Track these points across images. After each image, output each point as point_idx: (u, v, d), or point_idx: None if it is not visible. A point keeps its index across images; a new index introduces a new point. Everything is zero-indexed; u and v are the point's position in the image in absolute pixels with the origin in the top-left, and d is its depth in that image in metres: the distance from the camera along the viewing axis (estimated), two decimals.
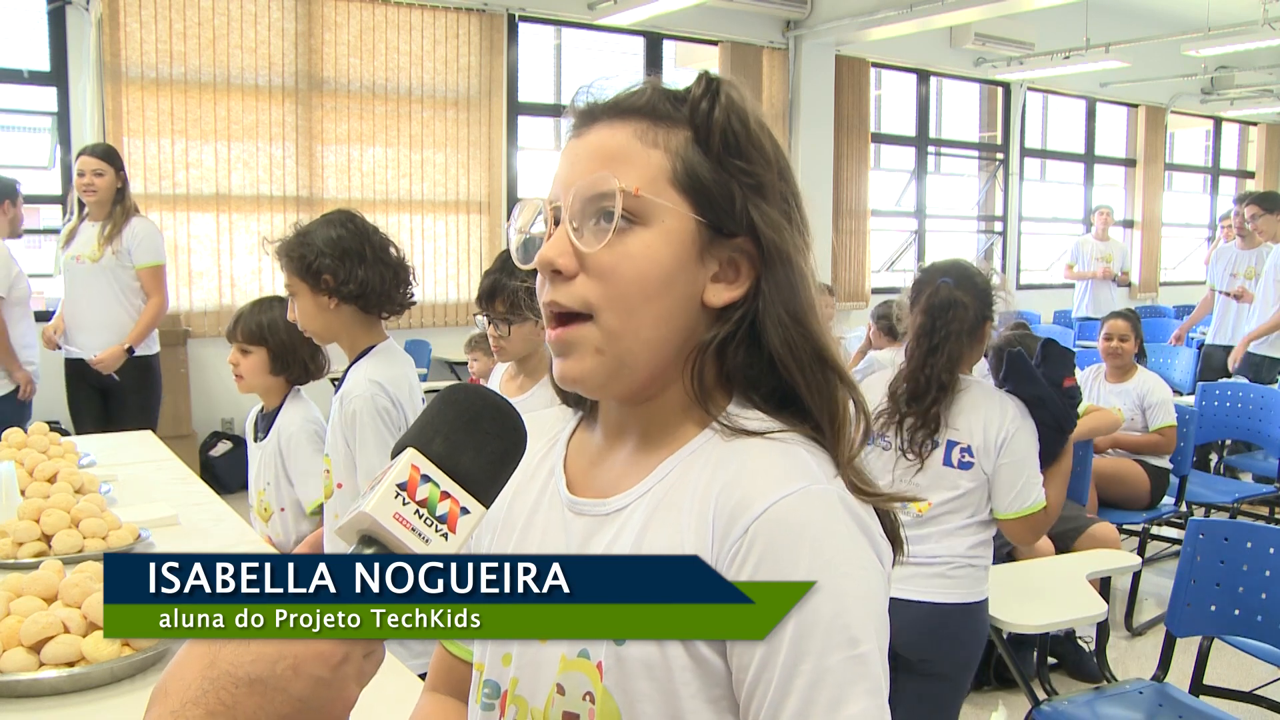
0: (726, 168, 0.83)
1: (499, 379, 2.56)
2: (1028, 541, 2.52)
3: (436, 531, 0.67)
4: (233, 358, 2.59)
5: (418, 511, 0.67)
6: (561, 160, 0.87)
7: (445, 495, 0.68)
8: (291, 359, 2.56)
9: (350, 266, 2.11)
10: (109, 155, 4.13)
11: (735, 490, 0.78)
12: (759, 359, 0.85)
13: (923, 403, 2.33)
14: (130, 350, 4.14)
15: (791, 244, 0.84)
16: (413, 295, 2.23)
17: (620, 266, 0.81)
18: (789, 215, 0.85)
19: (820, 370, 0.84)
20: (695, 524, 0.79)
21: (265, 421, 2.62)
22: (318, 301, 2.13)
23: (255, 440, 2.63)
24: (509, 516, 0.92)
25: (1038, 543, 3.44)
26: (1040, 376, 2.41)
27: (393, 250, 2.20)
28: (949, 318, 2.35)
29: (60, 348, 4.27)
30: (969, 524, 2.34)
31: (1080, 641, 3.51)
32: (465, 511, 0.69)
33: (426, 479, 0.68)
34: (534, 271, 0.86)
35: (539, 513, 0.91)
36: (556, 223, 0.84)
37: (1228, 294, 6.11)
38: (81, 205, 4.20)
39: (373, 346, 2.19)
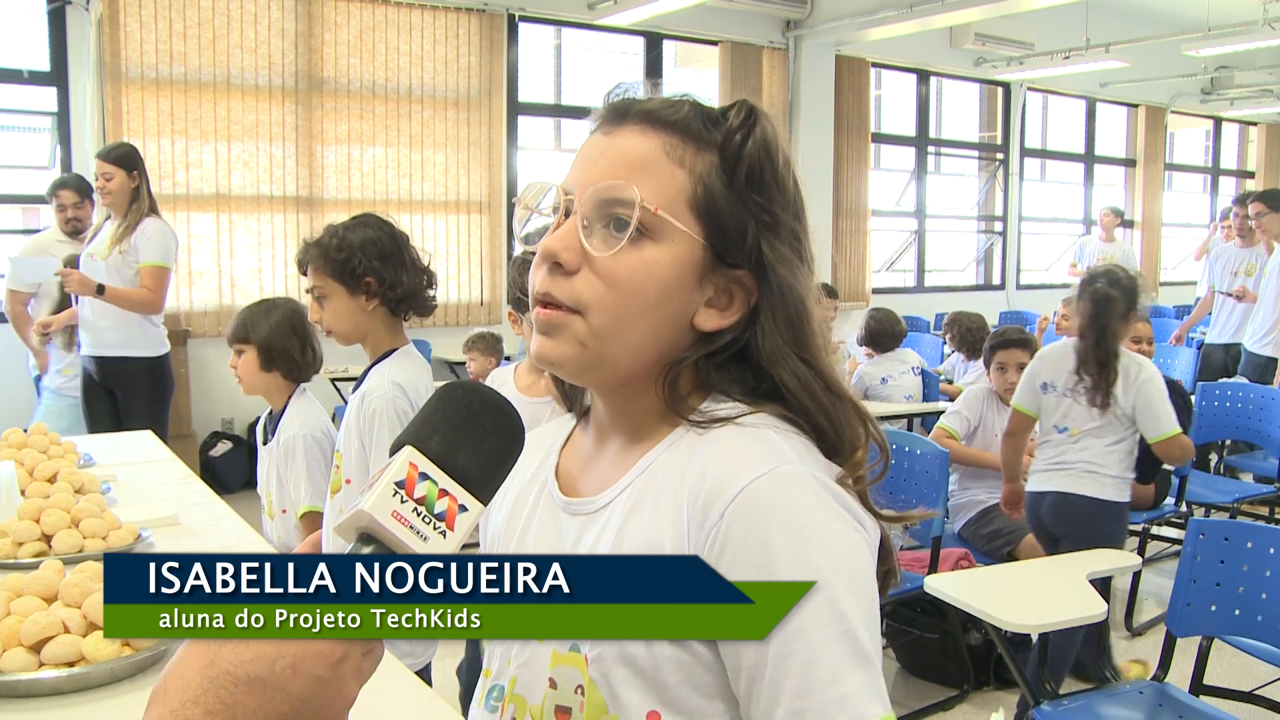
0: (746, 201, 0.84)
1: (507, 379, 2.55)
2: (1176, 460, 3.48)
3: (435, 529, 0.67)
4: (231, 361, 2.61)
5: (416, 509, 0.67)
6: (583, 152, 0.87)
7: (443, 493, 0.68)
8: (277, 354, 2.56)
9: (394, 269, 2.13)
10: (117, 159, 4.13)
11: (707, 477, 0.79)
12: (737, 375, 0.86)
13: (1095, 367, 3.27)
14: (100, 289, 4.02)
15: (802, 283, 0.85)
16: (435, 298, 2.25)
17: (622, 276, 0.81)
18: (800, 254, 0.86)
19: (836, 402, 0.85)
20: (671, 515, 0.80)
21: (272, 423, 2.63)
22: (354, 303, 2.13)
23: (264, 443, 2.64)
24: (509, 524, 0.93)
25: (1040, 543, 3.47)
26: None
27: (418, 253, 2.22)
28: (1107, 309, 3.26)
29: (51, 340, 4.30)
30: (1114, 443, 3.32)
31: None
32: (464, 509, 0.69)
33: (425, 476, 0.68)
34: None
35: (534, 517, 0.92)
36: (567, 214, 0.83)
37: (1229, 294, 6.11)
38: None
39: (395, 349, 2.19)
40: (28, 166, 6.00)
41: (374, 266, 2.11)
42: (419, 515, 0.67)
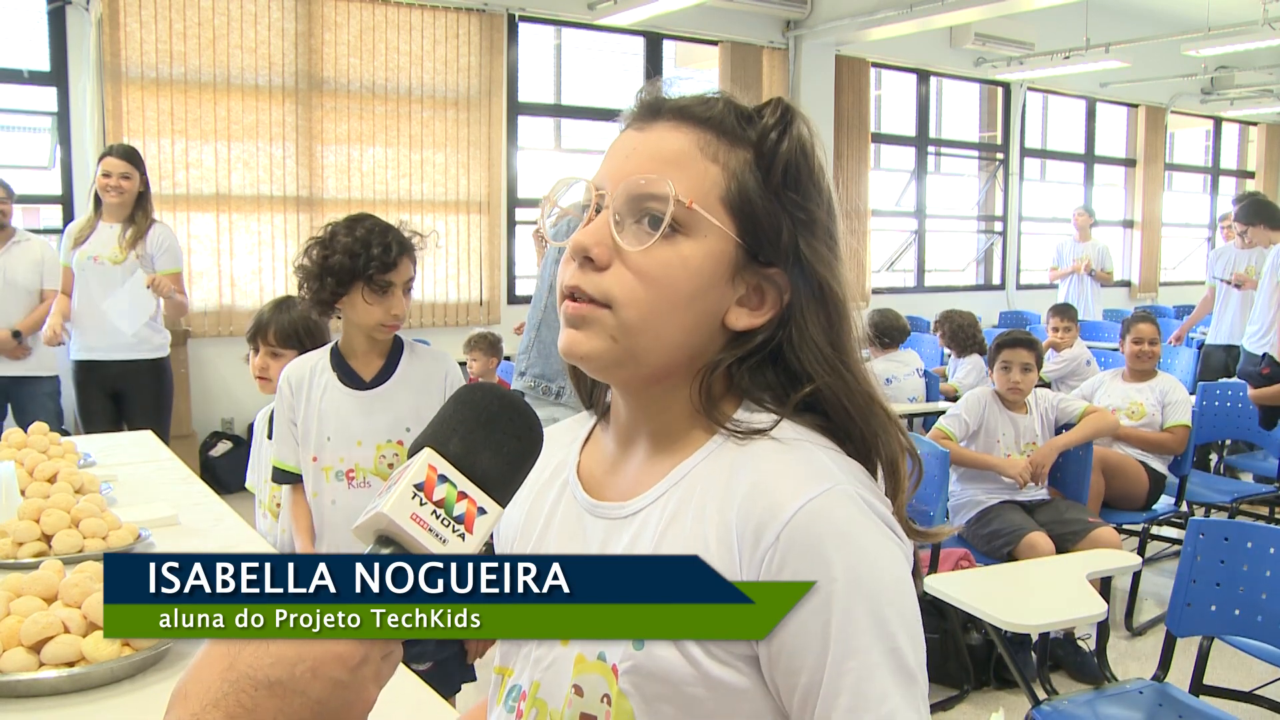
0: (781, 199, 0.83)
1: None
2: None
3: (454, 532, 0.67)
4: (260, 362, 2.54)
5: (435, 512, 0.67)
6: (614, 148, 0.86)
7: (462, 495, 0.68)
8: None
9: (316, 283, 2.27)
10: (134, 158, 4.15)
11: (760, 497, 0.78)
12: (770, 380, 0.85)
13: None
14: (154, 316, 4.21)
15: (839, 282, 0.85)
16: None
17: (655, 271, 0.81)
18: (836, 253, 0.85)
19: (872, 411, 0.84)
20: (717, 531, 0.79)
21: None
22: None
23: (270, 437, 2.61)
24: (526, 524, 0.92)
25: (1039, 543, 3.46)
26: None
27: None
28: None
29: (63, 343, 4.29)
30: None
31: (1080, 642, 3.51)
32: (482, 512, 0.69)
33: (444, 479, 0.68)
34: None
35: (555, 518, 0.91)
36: (598, 209, 0.83)
37: (1228, 282, 6.10)
38: (98, 204, 4.18)
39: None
40: (28, 166, 5.99)
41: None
42: (438, 518, 0.67)
